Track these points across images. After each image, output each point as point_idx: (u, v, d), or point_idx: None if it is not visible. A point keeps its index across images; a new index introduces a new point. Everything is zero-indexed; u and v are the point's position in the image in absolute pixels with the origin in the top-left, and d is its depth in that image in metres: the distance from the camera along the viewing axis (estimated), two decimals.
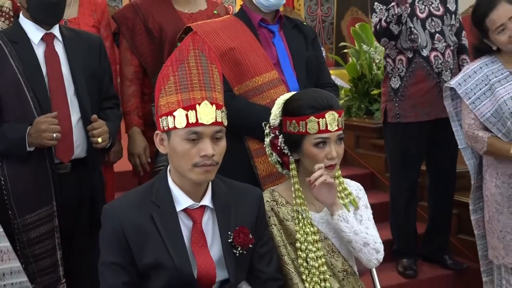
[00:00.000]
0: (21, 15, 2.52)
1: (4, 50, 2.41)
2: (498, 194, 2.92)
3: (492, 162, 2.97)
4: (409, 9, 3.47)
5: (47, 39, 2.50)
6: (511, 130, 2.84)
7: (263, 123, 2.32)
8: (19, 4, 2.54)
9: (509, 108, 2.83)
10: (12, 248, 2.18)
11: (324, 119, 2.15)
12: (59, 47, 2.53)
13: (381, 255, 2.23)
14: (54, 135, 2.36)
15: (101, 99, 2.66)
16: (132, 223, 1.95)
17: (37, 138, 2.36)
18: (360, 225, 2.22)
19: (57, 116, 2.38)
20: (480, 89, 2.92)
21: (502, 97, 2.85)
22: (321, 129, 2.15)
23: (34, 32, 2.49)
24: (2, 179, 2.40)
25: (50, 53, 2.50)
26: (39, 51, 2.49)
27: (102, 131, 2.51)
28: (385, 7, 3.48)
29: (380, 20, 3.46)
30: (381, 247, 2.25)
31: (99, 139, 2.49)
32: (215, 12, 3.12)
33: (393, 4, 3.36)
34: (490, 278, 3.19)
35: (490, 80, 2.91)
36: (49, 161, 2.44)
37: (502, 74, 2.90)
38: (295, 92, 2.34)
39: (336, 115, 2.18)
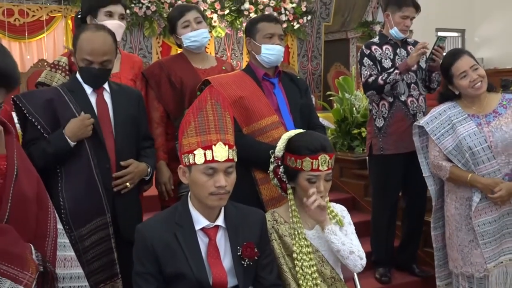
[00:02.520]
0: (78, 73, 2.54)
1: (65, 97, 2.44)
2: (457, 215, 2.90)
3: (452, 187, 2.94)
4: (391, 63, 3.51)
5: (98, 91, 2.52)
6: (469, 161, 2.82)
7: (270, 151, 2.33)
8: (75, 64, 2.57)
9: (467, 143, 2.81)
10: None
11: (317, 160, 2.15)
12: (107, 97, 2.54)
13: (364, 261, 2.23)
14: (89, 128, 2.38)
15: (141, 139, 2.65)
16: (159, 240, 1.96)
17: (83, 132, 2.35)
18: (346, 237, 2.22)
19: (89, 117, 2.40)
20: (444, 127, 2.91)
21: (461, 134, 2.84)
22: (313, 168, 2.16)
23: (87, 87, 2.51)
24: (61, 200, 2.37)
25: (101, 101, 2.52)
26: (92, 99, 2.51)
27: (130, 178, 2.49)
28: (371, 63, 3.51)
29: (374, 77, 3.45)
30: (363, 255, 2.24)
31: (128, 184, 2.47)
32: (223, 68, 3.13)
33: (396, 71, 3.38)
34: (443, 283, 3.16)
35: (452, 120, 2.90)
36: (101, 185, 2.42)
37: (462, 116, 2.89)
38: (298, 132, 2.32)
39: (328, 157, 2.18)
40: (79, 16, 2.87)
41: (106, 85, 2.56)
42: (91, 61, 2.42)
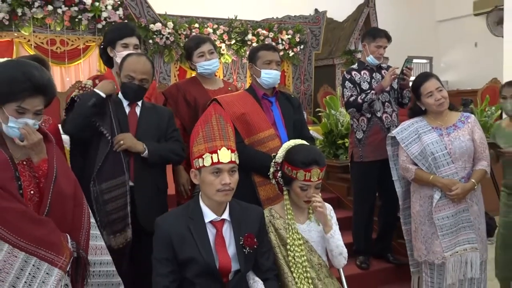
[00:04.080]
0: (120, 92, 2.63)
1: (109, 105, 2.53)
2: (421, 211, 2.90)
3: (416, 188, 2.94)
4: (368, 85, 3.52)
5: (132, 105, 2.60)
6: (431, 165, 2.82)
7: (272, 154, 2.33)
8: (118, 81, 2.66)
9: (430, 149, 2.82)
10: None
11: (309, 173, 2.14)
12: (137, 110, 2.60)
13: (346, 259, 2.27)
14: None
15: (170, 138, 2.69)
16: (175, 231, 1.98)
17: (108, 87, 2.50)
18: (339, 241, 2.23)
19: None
20: (412, 137, 2.91)
21: (426, 142, 2.85)
22: (306, 179, 2.15)
23: (124, 100, 2.59)
24: (87, 166, 2.49)
25: (132, 113, 2.59)
26: (127, 110, 2.58)
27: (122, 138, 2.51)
28: (352, 85, 3.52)
29: (354, 97, 3.46)
30: (346, 254, 2.27)
31: (121, 142, 2.49)
32: (229, 88, 3.15)
33: (372, 92, 3.41)
34: (416, 270, 3.15)
35: (418, 131, 2.90)
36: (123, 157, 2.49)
37: (427, 128, 2.89)
38: (297, 143, 2.29)
39: (319, 171, 2.16)
40: (101, 46, 2.92)
41: (139, 102, 2.62)
42: (133, 77, 2.51)
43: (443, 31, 11.19)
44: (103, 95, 2.47)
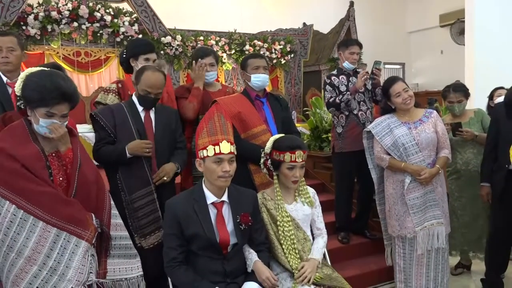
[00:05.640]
0: (134, 95, 2.59)
1: (124, 110, 2.50)
2: (394, 193, 2.92)
3: (390, 174, 2.96)
4: (346, 88, 3.53)
5: (146, 110, 2.57)
6: (402, 154, 2.84)
7: (261, 150, 2.36)
8: (134, 88, 2.61)
9: (401, 141, 2.84)
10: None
11: (294, 154, 2.20)
12: (152, 114, 2.58)
13: (326, 243, 2.35)
14: (147, 150, 2.44)
15: (176, 142, 2.65)
16: (181, 210, 2.01)
17: (140, 151, 2.41)
18: (323, 248, 2.32)
19: (150, 143, 2.46)
20: (385, 131, 2.93)
21: (397, 135, 2.86)
22: (292, 160, 2.20)
23: (139, 106, 2.56)
24: (118, 178, 2.45)
25: (147, 117, 2.57)
26: (142, 115, 2.56)
27: (164, 174, 2.50)
28: (331, 88, 3.53)
29: (333, 98, 3.47)
30: (326, 239, 2.36)
31: (165, 178, 2.49)
32: (227, 90, 3.15)
33: (348, 93, 3.43)
34: (389, 243, 3.18)
35: (390, 126, 2.92)
36: (148, 168, 2.48)
37: (397, 123, 2.91)
38: (281, 136, 2.35)
39: (302, 153, 2.22)
40: (124, 55, 2.90)
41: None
42: (149, 92, 2.49)
43: (413, 41, 11.19)
44: (128, 155, 2.41)
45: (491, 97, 3.95)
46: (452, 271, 3.49)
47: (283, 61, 8.16)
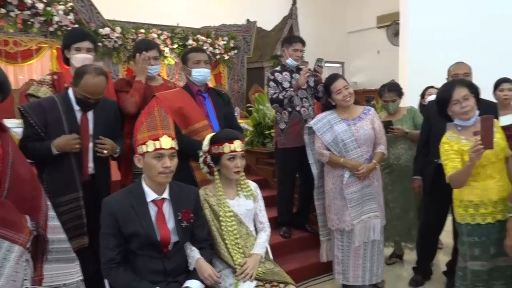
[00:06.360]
0: (70, 90, 2.41)
1: (60, 111, 2.36)
2: (334, 188, 2.98)
3: (329, 169, 3.02)
4: (289, 85, 3.55)
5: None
6: (342, 150, 2.90)
7: (198, 151, 2.34)
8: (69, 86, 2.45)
9: (341, 137, 2.90)
10: None
11: (233, 144, 2.21)
12: (90, 115, 2.45)
13: (269, 237, 2.37)
14: (77, 146, 2.32)
15: (114, 138, 2.54)
16: (120, 208, 1.93)
17: (68, 148, 2.29)
18: (266, 242, 2.33)
19: (78, 137, 2.33)
20: (326, 127, 2.97)
21: (337, 131, 2.92)
22: (231, 150, 2.20)
23: (76, 105, 2.41)
24: (45, 181, 2.31)
25: (84, 119, 2.44)
26: (78, 115, 2.42)
27: (107, 146, 2.44)
28: (275, 85, 3.54)
29: (276, 94, 3.49)
30: (269, 233, 2.37)
31: (105, 151, 2.41)
32: (169, 85, 3.07)
33: (291, 89, 3.45)
34: (325, 238, 3.27)
35: (331, 122, 2.96)
36: (78, 171, 2.37)
37: (337, 120, 2.96)
38: (216, 132, 2.36)
39: (240, 142, 2.23)
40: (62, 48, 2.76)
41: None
42: (90, 98, 2.35)
43: (352, 41, 11.58)
44: (55, 152, 2.28)
45: (422, 95, 4.17)
46: (386, 261, 3.66)
47: (226, 57, 8.12)
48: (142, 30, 7.12)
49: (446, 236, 3.39)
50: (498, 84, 3.44)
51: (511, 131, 2.97)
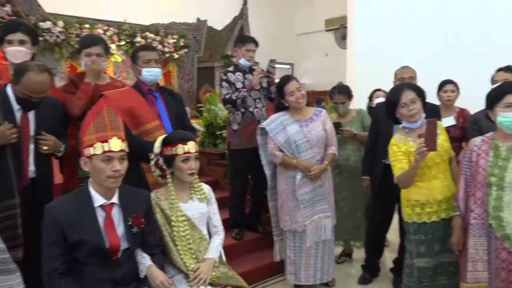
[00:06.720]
0: (9, 87, 2.22)
1: None
2: (286, 189, 2.99)
3: (282, 171, 3.02)
4: (242, 85, 3.52)
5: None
6: (294, 151, 2.92)
7: (149, 154, 2.26)
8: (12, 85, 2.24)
9: (293, 138, 2.91)
10: None
11: (187, 145, 2.15)
12: (31, 115, 2.29)
13: (223, 241, 2.33)
14: (14, 136, 2.14)
15: (58, 137, 2.40)
16: (64, 215, 1.81)
17: (3, 140, 2.10)
18: (220, 246, 2.30)
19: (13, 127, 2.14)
20: (278, 128, 2.98)
21: (289, 132, 2.93)
22: (185, 151, 2.14)
23: (15, 104, 2.24)
24: None
25: (24, 119, 2.27)
26: (17, 115, 2.25)
27: (49, 143, 2.30)
28: (228, 85, 3.50)
29: (229, 94, 3.45)
30: (224, 236, 2.34)
31: (45, 147, 2.27)
32: (117, 84, 2.94)
33: (244, 90, 3.42)
34: (278, 238, 3.28)
35: (283, 124, 2.97)
36: (16, 175, 2.18)
37: (290, 121, 2.97)
38: (168, 134, 2.29)
39: (194, 143, 2.18)
40: None
41: None
42: (32, 96, 2.18)
43: (302, 43, 11.77)
44: None
45: (370, 98, 4.30)
46: (336, 260, 3.74)
47: (176, 56, 7.94)
48: (87, 25, 6.79)
49: (392, 234, 3.51)
50: (441, 86, 3.58)
51: (451, 133, 3.15)
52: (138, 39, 7.36)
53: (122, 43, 7.27)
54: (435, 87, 3.60)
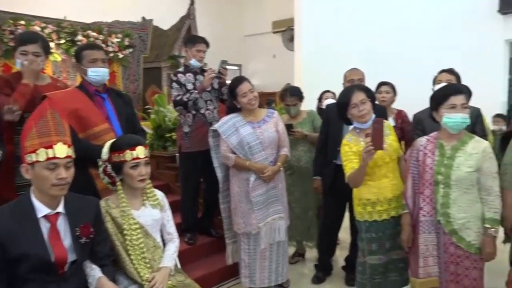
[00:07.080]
0: None
1: None
2: (240, 191, 2.96)
3: (235, 173, 2.99)
4: (193, 86, 3.45)
5: None
6: (247, 152, 2.90)
7: (97, 160, 2.14)
8: None
9: (246, 140, 2.89)
10: None
11: (135, 151, 2.06)
12: None
13: (178, 248, 2.28)
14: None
15: None
16: (3, 228, 1.66)
17: None
18: (175, 254, 2.23)
19: None
20: (231, 130, 2.94)
21: (242, 134, 2.91)
22: (134, 157, 2.05)
23: None
24: None
25: None
26: None
27: None
28: (178, 86, 3.41)
29: (180, 96, 3.36)
30: (178, 243, 2.28)
31: None
32: (58, 84, 2.75)
33: (196, 92, 3.34)
34: (231, 241, 3.23)
35: (236, 125, 2.94)
36: None
37: (242, 122, 2.95)
38: (117, 138, 2.18)
39: (143, 148, 2.09)
40: None
41: None
42: None
43: (249, 44, 11.81)
44: None
45: (320, 99, 4.37)
46: (290, 260, 3.75)
47: (120, 56, 7.66)
48: (22, 22, 6.38)
49: (343, 232, 3.59)
50: (377, 87, 3.72)
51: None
52: (80, 37, 7.02)
53: (62, 41, 6.91)
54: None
